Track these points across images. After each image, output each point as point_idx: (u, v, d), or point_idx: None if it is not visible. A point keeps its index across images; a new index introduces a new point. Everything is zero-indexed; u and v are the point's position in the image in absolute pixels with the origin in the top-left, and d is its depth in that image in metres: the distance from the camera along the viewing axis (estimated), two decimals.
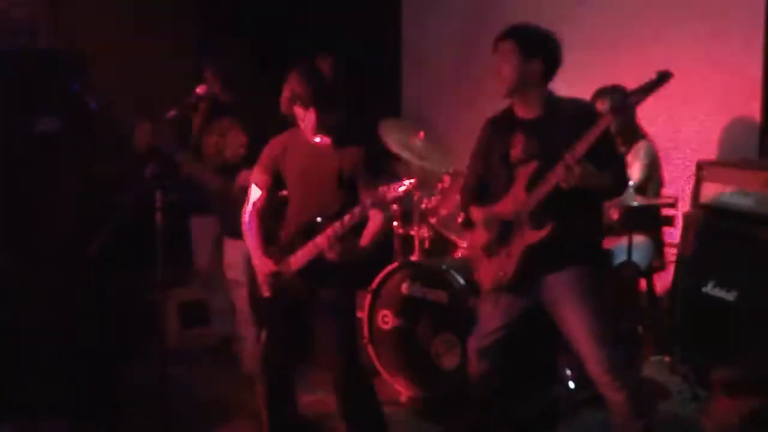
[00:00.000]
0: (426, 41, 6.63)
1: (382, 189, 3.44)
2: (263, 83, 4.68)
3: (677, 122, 5.17)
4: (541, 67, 3.52)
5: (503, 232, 3.58)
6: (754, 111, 4.93)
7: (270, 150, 3.84)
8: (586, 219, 3.60)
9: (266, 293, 3.78)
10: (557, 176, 3.35)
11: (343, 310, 3.73)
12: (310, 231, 3.65)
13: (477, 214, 3.72)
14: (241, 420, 4.31)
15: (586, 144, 3.30)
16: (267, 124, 4.02)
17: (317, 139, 3.73)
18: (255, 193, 3.84)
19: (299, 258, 3.68)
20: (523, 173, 3.53)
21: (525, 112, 3.59)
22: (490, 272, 3.63)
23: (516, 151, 3.57)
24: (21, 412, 4.16)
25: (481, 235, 3.68)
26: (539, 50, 3.52)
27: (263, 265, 3.78)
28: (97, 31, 5.47)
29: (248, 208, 3.86)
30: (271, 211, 3.86)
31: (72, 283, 4.57)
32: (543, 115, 3.56)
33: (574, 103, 3.63)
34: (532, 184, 3.49)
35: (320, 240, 3.58)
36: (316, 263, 3.64)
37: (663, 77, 3.27)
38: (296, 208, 3.77)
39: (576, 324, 3.48)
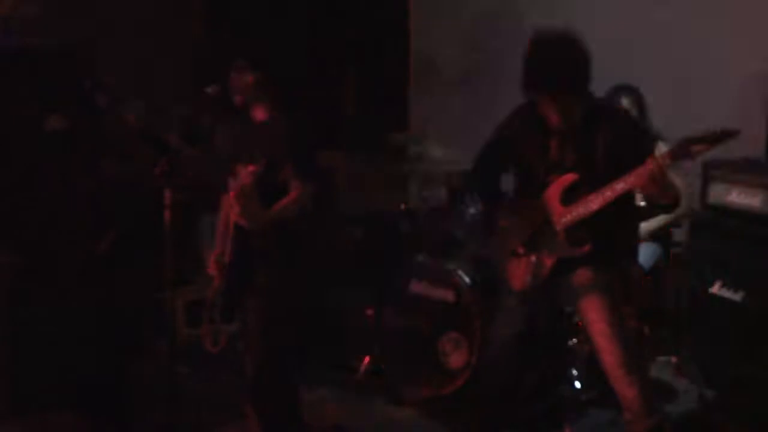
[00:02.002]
0: (434, 44, 6.62)
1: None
2: None
3: (685, 122, 5.15)
4: None
5: (534, 236, 3.55)
6: (761, 109, 4.92)
7: (223, 136, 3.91)
8: (621, 235, 3.61)
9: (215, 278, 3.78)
10: (636, 181, 3.24)
11: (265, 292, 3.66)
12: None
13: (505, 214, 3.68)
14: (248, 418, 4.32)
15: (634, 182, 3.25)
16: None
17: (257, 117, 3.72)
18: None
19: (228, 248, 3.71)
20: (560, 182, 3.47)
21: (561, 118, 3.45)
22: (519, 274, 3.60)
23: (553, 157, 3.50)
24: (30, 407, 4.19)
25: (509, 237, 3.64)
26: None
27: (213, 255, 3.81)
28: (106, 30, 5.49)
29: None
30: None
31: (81, 281, 4.59)
32: (581, 123, 3.46)
33: (613, 115, 3.58)
34: (567, 196, 3.45)
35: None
36: (245, 251, 3.64)
37: (728, 134, 3.16)
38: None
39: (596, 317, 3.48)
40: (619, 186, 3.29)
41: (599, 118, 3.48)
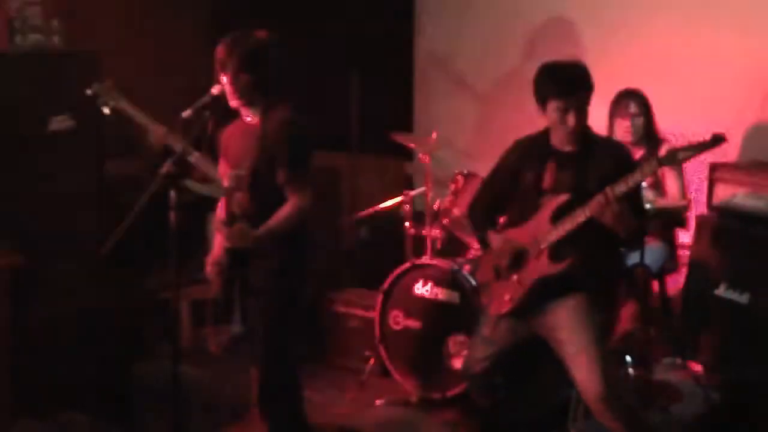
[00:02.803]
0: (439, 45, 6.60)
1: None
2: None
3: (690, 124, 5.16)
4: None
5: (517, 258, 3.57)
6: (767, 112, 4.92)
7: (221, 139, 3.83)
8: (604, 256, 3.61)
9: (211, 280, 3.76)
10: (592, 209, 3.34)
11: (263, 293, 3.63)
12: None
13: (494, 237, 3.71)
14: (253, 418, 4.32)
15: (627, 186, 3.31)
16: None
17: (250, 119, 3.68)
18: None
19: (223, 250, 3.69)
20: (550, 203, 3.50)
21: (562, 143, 3.56)
22: (497, 296, 3.63)
23: (548, 182, 3.54)
24: (32, 408, 4.19)
25: (494, 258, 3.67)
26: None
27: (210, 258, 3.79)
28: (110, 31, 5.49)
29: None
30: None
31: (84, 281, 4.59)
32: (580, 150, 3.54)
33: (611, 145, 3.70)
34: (557, 216, 3.47)
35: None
36: (239, 254, 3.61)
37: (716, 140, 3.23)
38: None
39: (574, 350, 3.48)
40: (581, 216, 3.37)
41: (595, 149, 3.55)
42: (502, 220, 3.85)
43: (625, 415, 3.47)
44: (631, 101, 4.63)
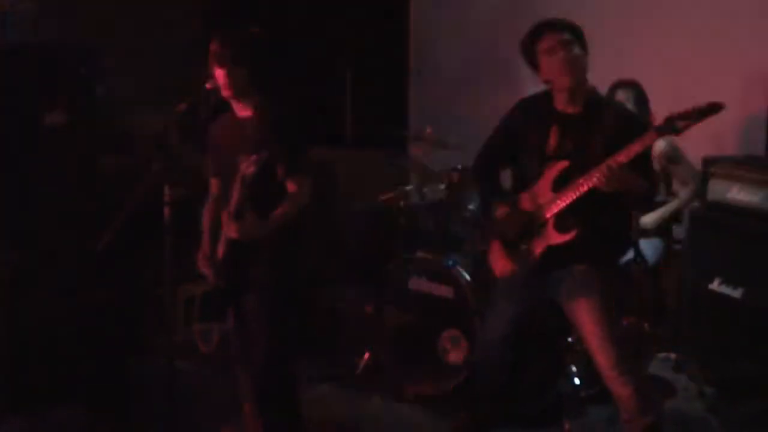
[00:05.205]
0: (434, 39, 6.60)
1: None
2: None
3: None
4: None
5: (525, 227, 3.56)
6: (762, 107, 4.92)
7: (209, 134, 3.79)
8: (611, 224, 3.60)
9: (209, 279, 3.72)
10: (593, 181, 3.31)
11: (263, 288, 3.61)
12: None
13: (499, 206, 3.68)
14: (247, 415, 4.32)
15: (627, 157, 3.28)
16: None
17: (242, 113, 3.66)
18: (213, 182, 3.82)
19: (221, 245, 3.65)
20: (552, 170, 3.49)
21: (565, 105, 3.52)
22: (508, 265, 3.62)
23: (551, 146, 3.51)
24: (30, 404, 4.20)
25: (501, 227, 3.66)
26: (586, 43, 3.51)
27: (201, 253, 3.75)
28: (102, 24, 5.48)
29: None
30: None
31: (80, 278, 4.58)
32: (583, 113, 3.50)
33: (617, 110, 3.61)
34: (559, 183, 3.46)
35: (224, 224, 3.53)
36: (238, 248, 3.56)
37: (713, 108, 3.22)
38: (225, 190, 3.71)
39: (587, 318, 3.49)
40: (584, 186, 3.34)
41: (600, 111, 3.51)
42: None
43: (636, 382, 3.49)
44: (624, 92, 4.63)
